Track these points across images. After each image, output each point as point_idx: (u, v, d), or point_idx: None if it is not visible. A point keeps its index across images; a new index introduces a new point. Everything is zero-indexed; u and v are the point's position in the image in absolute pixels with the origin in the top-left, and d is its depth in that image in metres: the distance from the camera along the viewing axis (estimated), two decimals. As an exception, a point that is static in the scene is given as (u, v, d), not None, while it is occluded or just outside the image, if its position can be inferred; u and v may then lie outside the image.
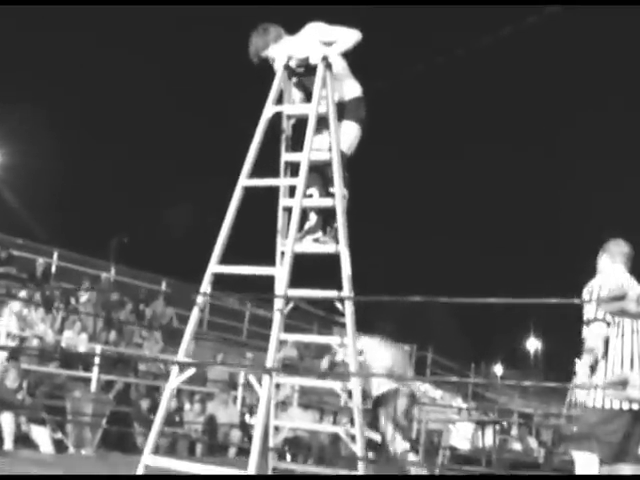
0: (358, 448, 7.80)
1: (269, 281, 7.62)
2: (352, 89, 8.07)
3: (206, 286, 7.50)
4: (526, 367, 60.65)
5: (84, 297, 22.46)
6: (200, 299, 7.57)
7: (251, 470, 6.41)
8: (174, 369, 7.44)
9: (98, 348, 19.35)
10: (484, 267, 67.42)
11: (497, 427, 17.51)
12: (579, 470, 7.04)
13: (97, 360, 18.48)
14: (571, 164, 69.54)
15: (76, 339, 19.23)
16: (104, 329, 21.29)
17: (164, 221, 34.63)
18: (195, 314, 7.53)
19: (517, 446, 21.60)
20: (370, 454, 8.53)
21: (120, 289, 25.94)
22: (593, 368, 7.09)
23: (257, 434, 6.68)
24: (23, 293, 19.85)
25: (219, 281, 7.74)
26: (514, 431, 22.67)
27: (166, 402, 7.38)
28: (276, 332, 6.99)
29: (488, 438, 17.72)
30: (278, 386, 8.16)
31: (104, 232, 36.07)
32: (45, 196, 41.12)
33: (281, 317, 7.02)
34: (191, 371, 7.42)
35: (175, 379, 7.42)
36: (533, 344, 64.24)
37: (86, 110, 55.42)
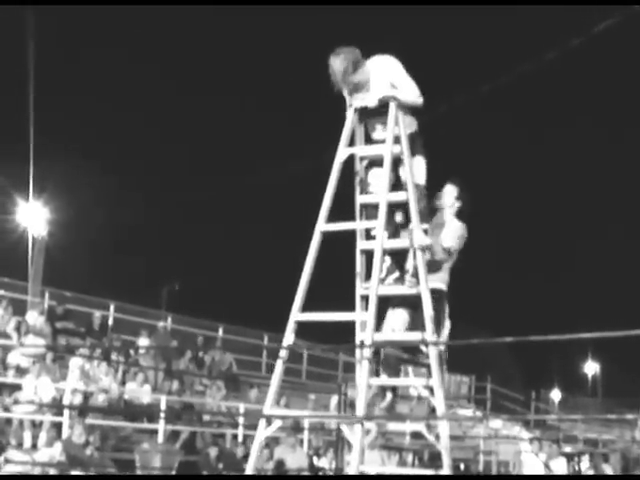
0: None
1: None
2: (410, 124, 8.01)
3: (290, 335, 7.40)
4: (584, 391, 59.96)
5: (144, 342, 22.55)
6: (284, 351, 7.46)
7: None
8: (261, 421, 7.34)
9: (162, 399, 19.29)
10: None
11: (581, 458, 17.14)
12: None
13: (163, 412, 18.46)
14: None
15: (139, 391, 19.20)
16: (166, 379, 21.27)
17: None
18: (279, 365, 7.43)
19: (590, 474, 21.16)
20: None
21: (177, 337, 25.93)
22: None
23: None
24: (84, 349, 19.87)
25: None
26: (585, 459, 22.22)
27: (256, 454, 7.29)
28: (365, 379, 6.88)
29: (562, 468, 17.39)
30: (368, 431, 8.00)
31: (159, 281, 36.21)
32: (96, 249, 41.38)
33: (369, 364, 6.93)
34: (279, 422, 7.34)
35: (264, 431, 7.32)
36: (591, 367, 63.46)
37: (137, 159, 56.00)
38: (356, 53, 7.73)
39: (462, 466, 26.70)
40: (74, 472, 14.93)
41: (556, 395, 55.96)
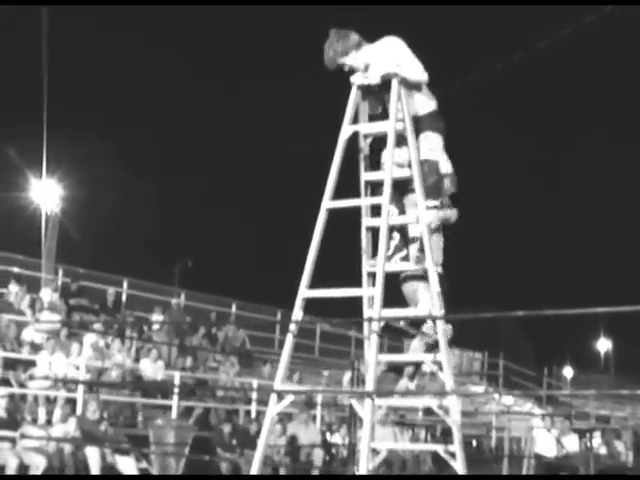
0: (459, 466, 7.64)
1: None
2: (425, 104, 7.99)
3: (298, 312, 7.44)
4: (597, 368, 59.83)
5: (158, 318, 22.65)
6: (293, 326, 7.50)
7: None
8: (272, 396, 7.39)
9: (176, 375, 19.39)
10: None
11: (593, 434, 17.20)
12: None
13: (177, 387, 18.54)
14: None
15: (153, 367, 19.28)
16: (179, 355, 21.38)
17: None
18: (289, 341, 7.47)
19: (602, 450, 21.25)
20: None
21: (190, 314, 26.03)
22: None
23: (363, 459, 6.63)
24: (98, 325, 19.97)
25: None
26: (597, 435, 22.24)
27: (268, 430, 7.34)
28: (374, 354, 6.92)
29: (574, 444, 17.45)
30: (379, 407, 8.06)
31: (172, 258, 36.29)
32: (109, 226, 41.47)
33: (378, 339, 6.96)
34: (290, 398, 7.40)
35: (275, 406, 7.37)
36: (604, 344, 63.22)
37: (150, 138, 56.02)
38: (348, 38, 7.80)
39: (474, 442, 26.83)
40: (89, 448, 15.05)
41: (568, 372, 55.91)
